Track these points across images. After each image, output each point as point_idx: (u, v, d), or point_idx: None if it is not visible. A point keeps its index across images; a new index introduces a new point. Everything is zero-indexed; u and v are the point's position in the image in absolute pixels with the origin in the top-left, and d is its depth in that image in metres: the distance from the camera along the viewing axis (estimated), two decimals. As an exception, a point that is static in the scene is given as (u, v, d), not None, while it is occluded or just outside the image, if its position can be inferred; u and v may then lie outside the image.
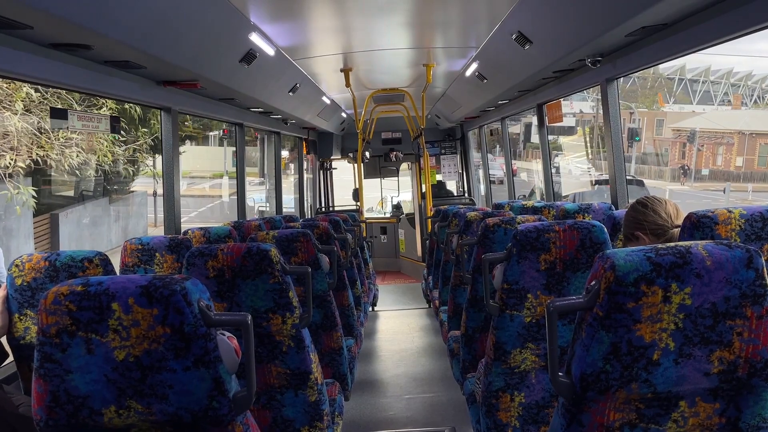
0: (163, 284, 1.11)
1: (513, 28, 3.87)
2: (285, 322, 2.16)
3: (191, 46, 3.34)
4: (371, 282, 6.65)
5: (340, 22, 4.26)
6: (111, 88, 3.28)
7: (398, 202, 11.81)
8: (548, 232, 2.14)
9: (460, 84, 6.49)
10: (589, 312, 1.20)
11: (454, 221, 4.46)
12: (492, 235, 2.83)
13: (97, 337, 1.11)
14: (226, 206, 19.47)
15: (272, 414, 2.25)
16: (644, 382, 1.20)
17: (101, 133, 10.85)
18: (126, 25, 2.66)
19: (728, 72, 37.56)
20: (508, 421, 2.28)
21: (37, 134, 10.09)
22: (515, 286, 2.18)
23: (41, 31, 2.42)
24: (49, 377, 1.13)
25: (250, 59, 3.99)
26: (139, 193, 15.92)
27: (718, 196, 22.92)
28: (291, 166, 13.32)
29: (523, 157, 27.99)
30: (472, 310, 2.99)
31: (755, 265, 1.18)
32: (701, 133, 28.99)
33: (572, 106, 29.50)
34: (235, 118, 5.44)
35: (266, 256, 2.11)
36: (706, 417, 1.25)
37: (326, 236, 3.79)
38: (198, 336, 1.12)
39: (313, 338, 2.37)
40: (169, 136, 4.00)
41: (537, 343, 2.23)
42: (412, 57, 5.64)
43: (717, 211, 1.70)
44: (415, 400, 4.14)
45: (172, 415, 1.14)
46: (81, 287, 1.12)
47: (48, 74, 2.76)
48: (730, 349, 1.20)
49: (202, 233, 3.53)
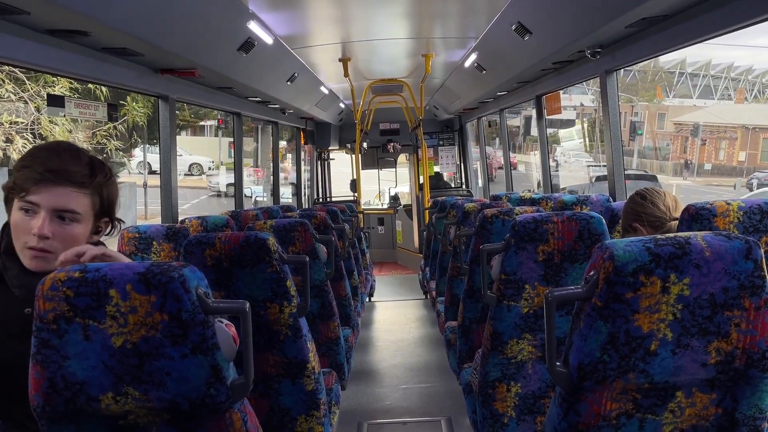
0: (161, 271, 1.11)
1: (513, 19, 3.85)
2: (282, 311, 2.16)
3: (189, 34, 3.32)
4: (368, 273, 6.66)
5: (339, 11, 4.23)
6: (108, 76, 3.26)
7: (396, 193, 11.80)
8: (546, 223, 2.14)
9: (458, 75, 6.47)
10: (588, 302, 1.20)
11: (452, 212, 4.45)
12: (490, 226, 2.82)
13: (95, 323, 1.11)
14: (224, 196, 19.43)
15: (269, 402, 2.26)
16: (641, 373, 1.20)
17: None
18: (124, 12, 2.64)
19: (729, 66, 37.50)
20: (504, 411, 2.29)
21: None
22: (513, 277, 2.18)
23: (38, 17, 2.40)
24: (46, 363, 1.13)
25: (248, 48, 3.97)
26: (128, 185, 15.81)
27: (722, 192, 22.85)
28: (288, 157, 13.20)
29: (522, 150, 27.99)
30: (469, 300, 3.00)
31: (754, 256, 1.18)
32: (703, 128, 28.98)
33: (571, 99, 29.46)
34: (233, 107, 5.42)
35: (264, 245, 2.11)
36: (703, 407, 1.26)
37: (324, 226, 3.78)
38: (196, 323, 1.12)
39: (311, 328, 2.37)
40: (167, 124, 3.97)
41: (534, 333, 2.24)
42: (410, 47, 5.62)
43: (715, 203, 1.70)
44: (411, 390, 4.15)
45: (170, 402, 1.14)
46: (79, 273, 1.12)
47: (44, 61, 2.74)
48: (727, 340, 1.20)
49: (200, 222, 3.53)
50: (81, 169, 1.42)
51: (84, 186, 1.43)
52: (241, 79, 4.55)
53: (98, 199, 1.46)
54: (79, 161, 1.43)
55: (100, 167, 1.48)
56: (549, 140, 5.76)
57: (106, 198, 1.48)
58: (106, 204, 1.48)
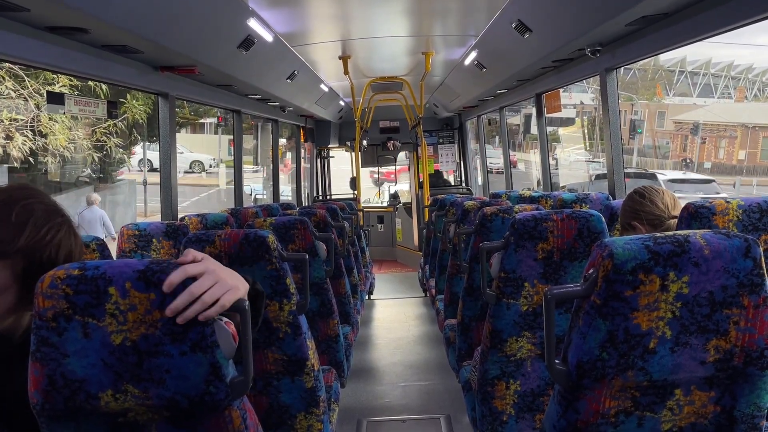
0: (160, 269, 1.11)
1: (513, 17, 3.85)
2: (282, 308, 2.16)
3: (189, 31, 3.31)
4: (368, 270, 6.66)
5: (339, 8, 4.23)
6: (108, 73, 3.26)
7: (395, 191, 11.80)
8: (546, 221, 2.14)
9: (458, 73, 6.47)
10: (587, 300, 1.20)
11: (452, 210, 4.45)
12: (489, 224, 2.83)
13: (94, 321, 1.11)
14: (223, 194, 19.42)
15: (269, 400, 2.26)
16: (640, 370, 1.20)
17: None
18: (124, 9, 2.64)
19: (729, 65, 37.47)
20: (503, 409, 2.29)
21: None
22: (512, 275, 2.18)
23: (38, 14, 2.40)
24: (45, 361, 1.13)
25: (248, 45, 3.97)
26: (127, 182, 15.79)
27: (722, 190, 22.77)
28: (288, 155, 13.19)
29: (522, 148, 27.95)
30: (468, 298, 3.00)
31: (753, 255, 1.18)
32: (703, 126, 28.96)
33: (571, 98, 29.43)
34: (233, 104, 5.41)
35: (264, 243, 2.11)
36: (701, 405, 1.26)
37: (323, 224, 3.78)
38: (195, 321, 1.12)
39: (310, 325, 2.38)
40: (167, 122, 3.97)
41: (533, 331, 2.24)
42: (410, 45, 5.62)
43: (715, 201, 1.70)
44: (410, 388, 4.16)
45: (169, 400, 1.14)
46: (78, 271, 1.12)
47: (44, 58, 2.73)
48: (726, 338, 1.20)
49: (199, 220, 3.53)
50: (1, 233, 1.15)
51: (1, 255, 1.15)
52: (241, 77, 4.54)
53: (28, 264, 1.17)
54: (3, 224, 1.16)
55: (43, 221, 1.20)
56: (549, 139, 5.76)
57: (46, 260, 1.19)
58: (47, 267, 1.15)
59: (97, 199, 11.06)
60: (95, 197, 11.08)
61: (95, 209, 10.65)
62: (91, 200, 10.84)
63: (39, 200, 1.23)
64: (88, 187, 13.78)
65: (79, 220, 10.52)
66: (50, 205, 1.24)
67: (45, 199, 1.25)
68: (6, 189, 1.24)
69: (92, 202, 10.80)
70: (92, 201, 10.82)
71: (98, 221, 10.46)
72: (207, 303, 1.10)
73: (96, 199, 11.01)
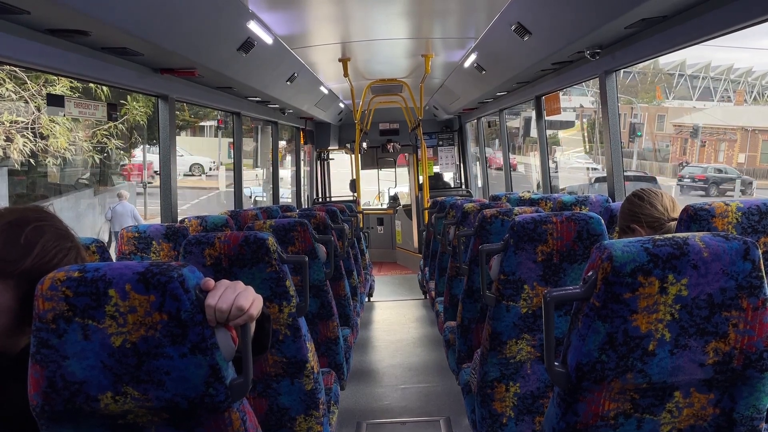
0: (160, 271, 1.11)
1: (512, 19, 3.85)
2: (282, 310, 2.17)
3: (189, 34, 3.32)
4: (368, 273, 6.66)
5: (338, 11, 4.24)
6: (108, 75, 3.26)
7: (395, 193, 11.81)
8: (545, 224, 2.14)
9: (458, 75, 6.47)
10: (586, 302, 1.20)
11: (451, 212, 4.46)
12: (489, 226, 2.83)
13: (94, 323, 1.11)
14: (223, 197, 19.43)
15: (268, 402, 2.26)
16: (639, 372, 1.20)
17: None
18: (124, 11, 2.64)
19: (728, 68, 37.49)
20: (503, 411, 2.29)
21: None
22: (512, 277, 2.18)
23: (38, 16, 2.40)
24: (45, 363, 1.13)
25: (248, 47, 3.97)
26: (127, 185, 15.82)
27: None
28: (288, 157, 13.21)
29: (522, 151, 27.96)
30: (468, 300, 3.00)
31: (752, 257, 1.18)
32: (703, 129, 28.97)
33: (571, 100, 29.44)
34: (233, 107, 5.42)
35: (263, 245, 2.11)
36: (701, 407, 1.26)
37: (323, 226, 3.78)
38: (195, 323, 1.12)
39: (310, 327, 2.38)
40: (167, 124, 3.98)
41: (533, 333, 2.24)
42: (410, 47, 5.62)
43: (714, 203, 1.70)
44: (410, 390, 4.16)
45: (169, 402, 1.14)
46: (78, 273, 1.12)
47: (45, 60, 2.74)
48: (725, 340, 1.20)
49: (199, 222, 3.53)
50: (9, 253, 1.15)
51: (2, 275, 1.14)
52: (241, 79, 4.55)
53: (32, 287, 1.12)
54: (11, 244, 1.15)
55: (52, 244, 1.19)
56: (548, 141, 5.77)
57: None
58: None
59: (126, 194, 12.13)
60: (125, 193, 12.17)
61: (126, 204, 11.82)
62: (122, 196, 11.98)
63: (51, 224, 1.22)
64: (88, 190, 13.83)
65: (111, 213, 11.81)
66: (61, 229, 1.24)
67: (57, 223, 1.24)
68: (20, 209, 1.24)
69: (123, 197, 11.94)
70: (123, 196, 11.96)
71: (129, 214, 11.64)
72: (253, 315, 1.14)
73: (125, 194, 12.08)
